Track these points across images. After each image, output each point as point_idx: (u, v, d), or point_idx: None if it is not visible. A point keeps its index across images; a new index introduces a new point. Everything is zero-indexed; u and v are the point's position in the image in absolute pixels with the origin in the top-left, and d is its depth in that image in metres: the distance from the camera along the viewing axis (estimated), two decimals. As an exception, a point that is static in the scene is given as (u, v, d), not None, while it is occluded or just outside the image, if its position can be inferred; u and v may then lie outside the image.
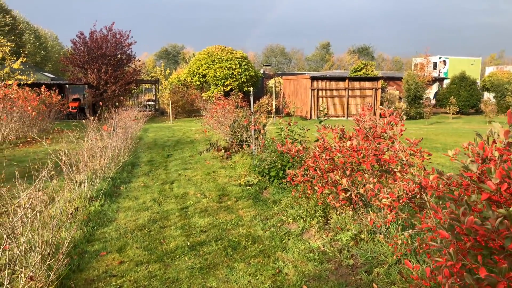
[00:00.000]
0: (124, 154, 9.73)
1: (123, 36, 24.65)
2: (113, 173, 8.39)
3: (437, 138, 16.20)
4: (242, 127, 10.37)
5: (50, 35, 66.46)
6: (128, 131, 12.30)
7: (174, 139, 15.22)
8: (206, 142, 14.02)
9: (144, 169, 9.50)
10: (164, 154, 11.64)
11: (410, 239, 3.86)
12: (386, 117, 4.60)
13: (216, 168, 9.47)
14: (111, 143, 8.71)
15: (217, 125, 11.90)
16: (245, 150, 10.26)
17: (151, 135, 16.83)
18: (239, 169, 9.16)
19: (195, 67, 28.15)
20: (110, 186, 7.45)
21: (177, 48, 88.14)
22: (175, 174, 8.87)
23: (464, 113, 30.65)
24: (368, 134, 4.54)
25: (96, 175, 7.53)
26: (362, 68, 30.30)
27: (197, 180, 8.32)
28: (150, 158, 10.91)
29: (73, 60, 23.83)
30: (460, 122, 25.56)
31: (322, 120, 7.09)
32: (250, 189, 7.30)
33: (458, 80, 30.54)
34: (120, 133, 9.47)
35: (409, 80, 27.56)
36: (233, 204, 6.57)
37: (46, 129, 17.45)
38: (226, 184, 7.85)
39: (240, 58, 27.86)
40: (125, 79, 24.19)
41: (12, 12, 46.95)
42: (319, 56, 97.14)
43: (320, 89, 26.53)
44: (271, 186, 7.24)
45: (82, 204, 6.23)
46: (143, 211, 6.21)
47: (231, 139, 10.75)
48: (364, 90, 27.30)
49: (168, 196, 7.11)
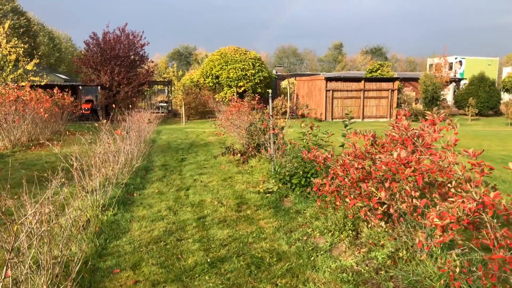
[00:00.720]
0: (138, 158, 9.40)
1: (136, 37, 24.46)
2: (127, 179, 8.06)
3: (459, 142, 15.57)
4: (259, 130, 9.98)
5: (64, 37, 66.91)
6: (141, 134, 12.01)
7: (187, 142, 14.90)
8: (221, 145, 13.68)
9: (158, 174, 9.16)
10: (178, 157, 11.31)
11: (459, 260, 3.41)
12: (434, 122, 4.15)
13: (232, 173, 9.09)
14: (125, 147, 8.39)
15: (233, 128, 11.52)
16: (262, 154, 9.87)
17: (164, 137, 16.54)
18: (256, 174, 8.77)
19: (208, 68, 27.87)
20: (123, 193, 7.12)
21: (189, 49, 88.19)
22: (190, 180, 8.51)
23: (483, 114, 29.78)
24: (417, 144, 4.10)
25: (109, 182, 7.20)
26: (378, 69, 29.68)
27: (213, 186, 7.95)
28: (164, 162, 10.58)
29: (86, 61, 23.70)
30: (480, 124, 24.80)
31: (347, 124, 6.66)
32: (270, 197, 6.89)
33: (477, 81, 29.71)
34: (133, 136, 9.15)
35: (426, 81, 26.89)
36: (253, 213, 6.17)
37: (58, 131, 17.28)
38: (244, 191, 7.46)
39: (254, 59, 27.49)
40: (138, 80, 23.99)
41: (26, 14, 47.33)
42: (331, 57, 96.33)
43: (335, 90, 26.02)
44: (292, 194, 6.83)
45: (94, 213, 5.90)
46: (158, 221, 5.84)
47: (247, 143, 10.36)
48: (380, 91, 26.71)
49: (184, 204, 6.74)
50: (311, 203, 6.16)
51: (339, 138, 6.74)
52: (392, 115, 26.90)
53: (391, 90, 26.69)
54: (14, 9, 44.47)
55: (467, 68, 52.74)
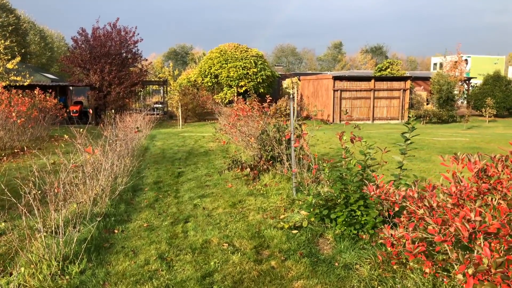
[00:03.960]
0: (124, 175, 7.55)
1: (129, 33, 22.60)
2: (106, 206, 6.20)
3: (491, 148, 13.80)
4: (273, 140, 8.14)
5: (57, 36, 64.70)
6: (130, 143, 10.14)
7: (185, 149, 13.03)
8: (223, 154, 11.84)
9: (148, 196, 7.29)
10: (174, 171, 9.45)
11: None
12: None
13: (242, 194, 7.24)
14: (105, 165, 6.53)
15: (240, 136, 9.67)
16: (277, 169, 8.03)
17: (158, 143, 14.67)
18: (273, 197, 6.93)
19: (206, 66, 25.99)
20: (99, 231, 5.26)
21: (185, 49, 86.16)
22: (190, 206, 6.65)
23: (498, 115, 28.05)
24: None
25: (80, 214, 5.35)
26: (387, 67, 27.92)
27: (220, 215, 6.10)
28: (157, 178, 8.72)
29: (73, 60, 21.81)
30: (500, 127, 23.05)
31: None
32: (299, 236, 5.06)
33: (492, 80, 28.00)
34: (117, 151, 7.28)
35: (440, 80, 25.12)
36: (279, 266, 4.33)
37: (40, 136, 15.39)
38: (261, 224, 5.62)
39: (256, 57, 25.65)
40: (130, 80, 22.12)
41: (16, 11, 45.28)
42: (331, 56, 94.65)
43: (344, 90, 24.23)
44: (330, 232, 4.99)
45: (51, 272, 4.05)
46: (144, 283, 4.00)
47: (258, 155, 8.52)
48: (391, 91, 24.95)
49: (182, 248, 4.89)
50: (364, 252, 4.33)
51: (394, 157, 4.91)
52: (404, 116, 25.15)
53: (403, 90, 24.94)
54: (2, 6, 42.41)
55: (473, 67, 51.10)
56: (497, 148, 13.73)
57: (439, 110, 24.64)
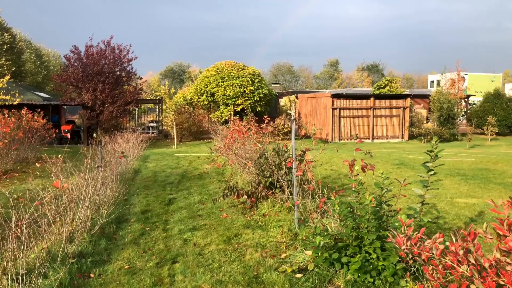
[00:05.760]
0: (108, 204, 6.82)
1: (123, 51, 22.09)
2: (84, 243, 5.47)
3: (499, 168, 13.15)
4: (272, 164, 7.47)
5: (54, 55, 64.37)
6: (119, 167, 9.46)
7: (178, 172, 12.32)
8: (219, 177, 11.15)
9: (134, 229, 6.56)
10: (164, 198, 8.73)
11: None
12: None
13: (238, 226, 6.52)
14: (84, 195, 5.82)
15: (237, 160, 8.99)
16: (277, 196, 7.33)
17: (151, 165, 13.95)
18: (273, 230, 6.21)
19: (202, 85, 25.47)
20: (71, 277, 4.51)
21: (182, 67, 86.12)
22: (179, 241, 5.92)
23: (500, 133, 27.52)
24: None
25: (51, 255, 4.63)
26: (386, 85, 27.49)
27: (213, 253, 5.37)
28: (146, 206, 7.99)
29: (66, 78, 21.21)
30: (503, 145, 22.48)
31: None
32: (304, 282, 4.34)
33: (492, 98, 27.58)
34: (99, 178, 6.56)
35: (440, 98, 24.64)
36: (283, 324, 3.60)
37: (27, 158, 14.66)
38: (260, 266, 4.89)
39: (253, 75, 25.17)
40: (124, 98, 21.50)
41: (11, 30, 44.97)
42: (327, 74, 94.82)
43: (342, 108, 23.69)
44: (341, 278, 4.27)
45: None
46: None
47: (256, 180, 7.83)
48: (391, 110, 24.43)
49: (167, 298, 4.16)
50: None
51: (414, 189, 4.24)
52: (405, 135, 24.58)
53: (403, 108, 24.44)
54: (-2, 24, 42.13)
55: (470, 85, 50.97)
56: (506, 169, 13.10)
57: (440, 129, 24.09)
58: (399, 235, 2.79)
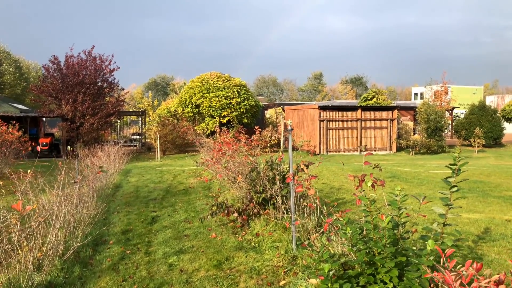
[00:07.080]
0: (85, 224, 6.14)
1: (105, 61, 21.38)
2: (55, 272, 4.78)
3: (494, 181, 12.85)
4: (265, 179, 6.91)
5: (34, 66, 62.97)
6: (98, 182, 8.76)
7: (162, 187, 11.64)
8: (205, 192, 10.52)
9: (113, 252, 5.87)
10: (147, 216, 8.05)
11: None
12: None
13: (229, 248, 5.91)
14: (57, 215, 5.14)
15: (226, 175, 8.39)
16: (269, 214, 6.76)
17: (133, 180, 13.21)
18: (268, 252, 5.62)
19: (187, 96, 24.86)
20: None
21: (166, 79, 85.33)
22: (164, 267, 5.27)
23: (486, 145, 27.57)
24: None
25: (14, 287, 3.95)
26: (373, 96, 27.38)
27: (202, 281, 4.75)
28: (126, 226, 7.30)
29: (44, 89, 20.36)
30: (491, 157, 22.43)
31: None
32: (309, 316, 3.76)
33: (478, 110, 27.69)
34: (74, 196, 5.88)
35: (427, 110, 24.57)
36: None
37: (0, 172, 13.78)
38: (257, 296, 4.29)
39: (239, 86, 24.70)
40: (105, 110, 20.73)
41: (-12, 41, 43.82)
42: (311, 87, 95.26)
43: (330, 120, 23.37)
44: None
45: None
46: None
47: (248, 196, 7.24)
48: (379, 121, 24.22)
49: None
50: None
51: (435, 209, 3.72)
52: (393, 147, 24.35)
53: (390, 119, 24.26)
54: (-26, 35, 40.96)
55: (453, 97, 51.58)
56: (501, 182, 12.81)
57: (428, 141, 23.95)
58: (447, 272, 2.26)
